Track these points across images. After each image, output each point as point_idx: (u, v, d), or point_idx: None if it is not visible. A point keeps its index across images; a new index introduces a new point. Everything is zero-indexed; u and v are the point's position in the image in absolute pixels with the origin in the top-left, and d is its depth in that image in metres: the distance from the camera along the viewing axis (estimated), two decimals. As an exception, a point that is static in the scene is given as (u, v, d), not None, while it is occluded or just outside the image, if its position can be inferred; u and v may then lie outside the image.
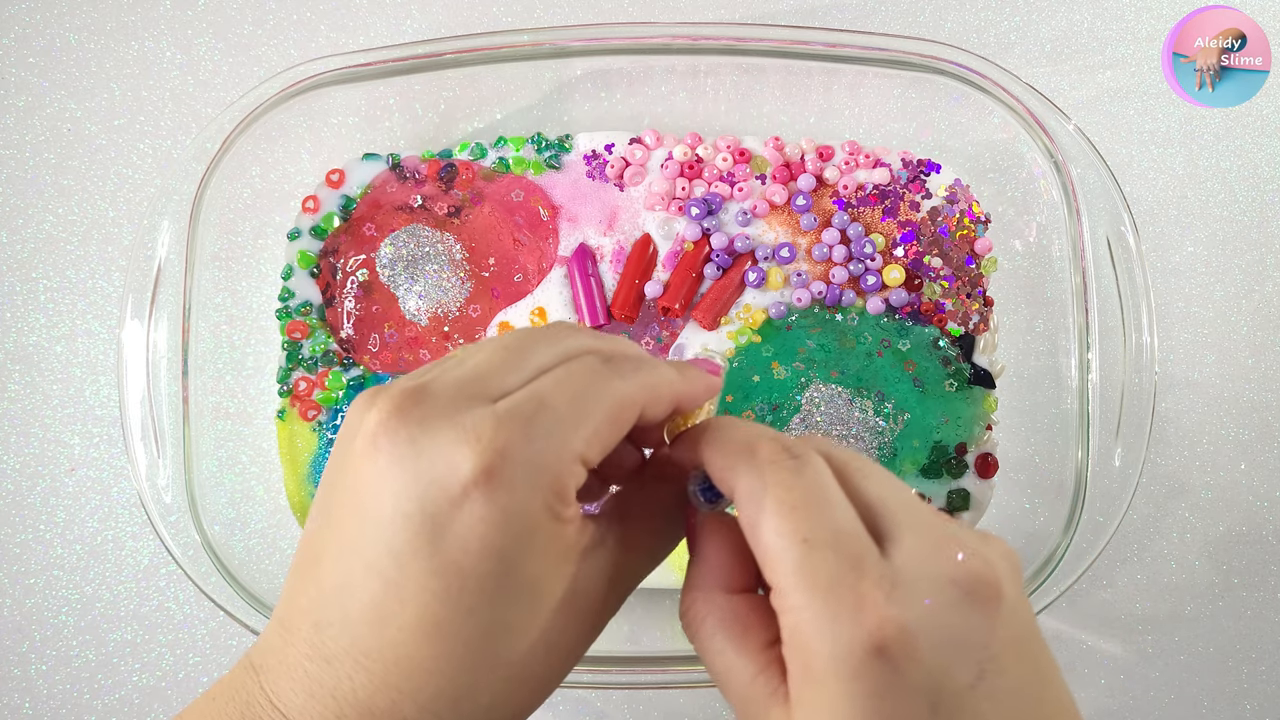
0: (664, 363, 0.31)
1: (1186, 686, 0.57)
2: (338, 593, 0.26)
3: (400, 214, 0.55)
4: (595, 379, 0.28)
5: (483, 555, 0.25)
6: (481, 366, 0.28)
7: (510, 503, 0.25)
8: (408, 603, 0.25)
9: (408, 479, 0.25)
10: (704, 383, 0.32)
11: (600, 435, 0.27)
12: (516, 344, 0.28)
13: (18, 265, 0.59)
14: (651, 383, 0.29)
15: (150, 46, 0.61)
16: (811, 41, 0.52)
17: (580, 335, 0.30)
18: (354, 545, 0.26)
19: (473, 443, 0.25)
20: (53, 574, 0.57)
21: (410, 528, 0.25)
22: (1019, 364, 0.55)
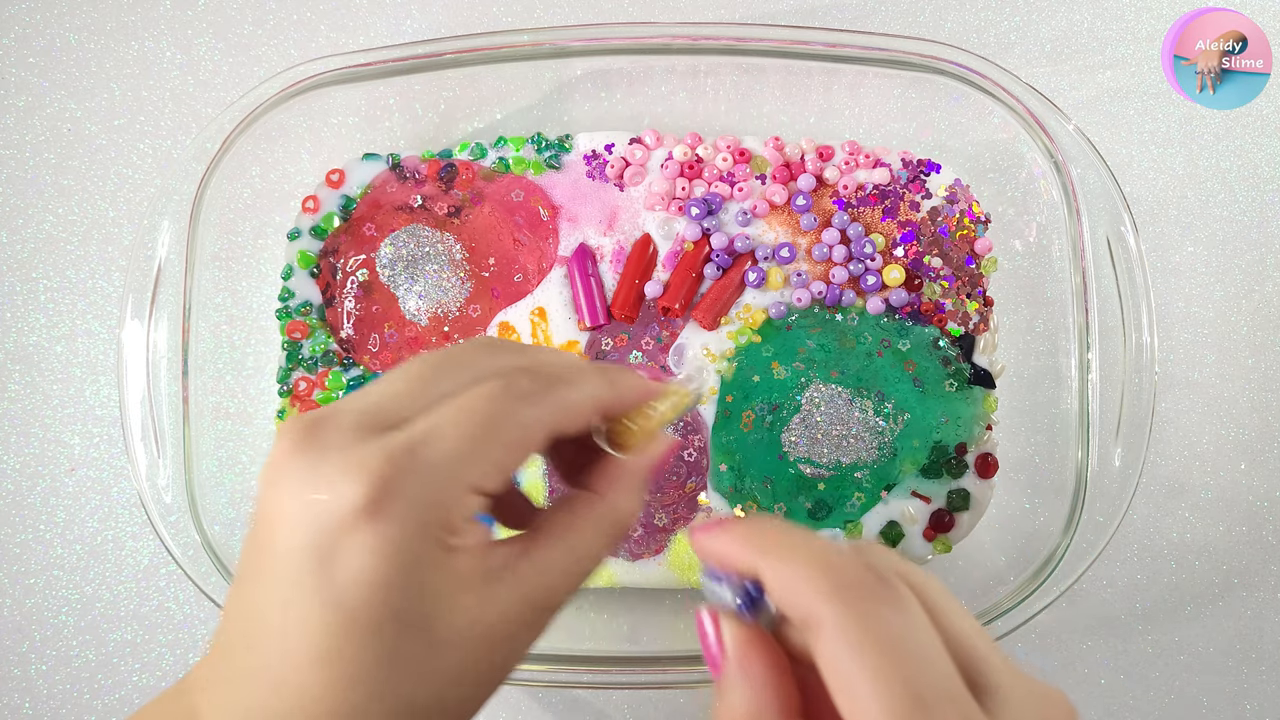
0: (590, 374, 0.31)
1: (1186, 686, 0.57)
2: (254, 618, 0.27)
3: (400, 214, 0.55)
4: (492, 406, 0.28)
5: (369, 588, 0.25)
6: (384, 396, 0.28)
7: (396, 535, 0.25)
8: (306, 632, 0.26)
9: (300, 512, 0.26)
10: (636, 390, 0.32)
11: (496, 463, 0.27)
12: (421, 372, 0.29)
13: (18, 265, 0.59)
14: (563, 405, 0.29)
15: (150, 46, 0.61)
16: (811, 41, 0.52)
17: (496, 356, 0.30)
18: (260, 574, 0.27)
19: (359, 476, 0.26)
20: (53, 574, 0.57)
21: (302, 560, 0.26)
22: (1019, 364, 0.55)
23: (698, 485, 0.53)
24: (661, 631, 0.54)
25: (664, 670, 0.49)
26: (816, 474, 0.52)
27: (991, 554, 0.54)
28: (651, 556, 0.53)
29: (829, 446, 0.52)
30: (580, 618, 0.54)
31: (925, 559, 0.53)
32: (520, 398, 0.28)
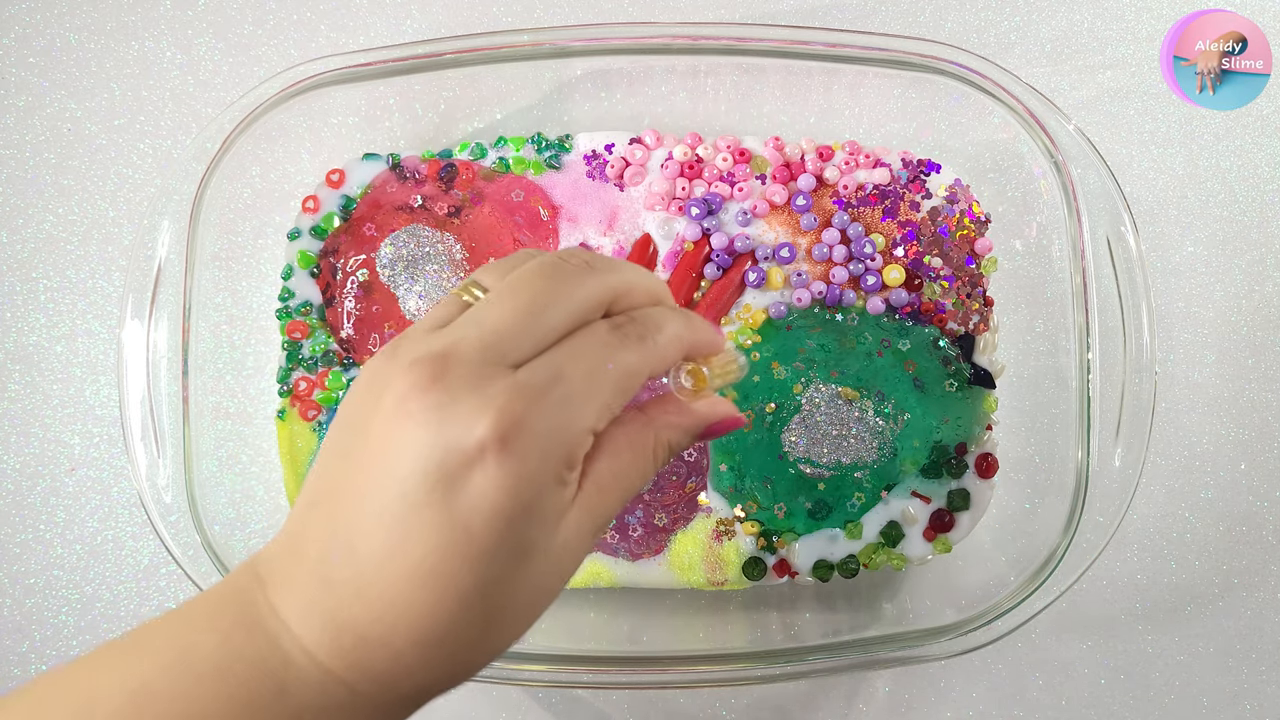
0: (674, 316, 0.33)
1: (1186, 686, 0.57)
2: (349, 528, 0.28)
3: (400, 214, 0.55)
4: (606, 351, 0.30)
5: (490, 517, 0.27)
6: (500, 329, 0.29)
7: (522, 471, 0.27)
8: (412, 549, 0.27)
9: (431, 440, 0.27)
10: (710, 336, 0.34)
11: (609, 406, 0.30)
12: (532, 303, 0.30)
13: (18, 265, 0.59)
14: (659, 351, 0.31)
15: (150, 46, 0.61)
16: (811, 41, 0.52)
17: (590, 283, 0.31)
18: (372, 490, 0.28)
19: (492, 412, 0.27)
20: (53, 574, 0.57)
21: (427, 483, 0.27)
22: (1019, 364, 0.55)
23: (698, 485, 0.53)
24: (661, 631, 0.54)
25: (664, 670, 0.49)
26: (816, 474, 0.52)
27: (991, 554, 0.54)
28: (651, 556, 0.53)
29: (829, 446, 0.52)
30: (580, 618, 0.54)
31: (925, 559, 0.53)
32: (627, 343, 0.31)
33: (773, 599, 0.55)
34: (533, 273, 0.31)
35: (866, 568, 0.53)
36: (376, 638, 0.27)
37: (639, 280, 0.33)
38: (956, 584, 0.54)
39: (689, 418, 0.34)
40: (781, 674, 0.49)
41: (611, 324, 0.31)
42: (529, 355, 0.29)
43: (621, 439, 0.32)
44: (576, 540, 0.30)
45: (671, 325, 0.32)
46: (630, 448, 0.32)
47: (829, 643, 0.50)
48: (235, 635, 0.28)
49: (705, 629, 0.54)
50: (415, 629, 0.27)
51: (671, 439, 0.34)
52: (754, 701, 0.57)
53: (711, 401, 0.35)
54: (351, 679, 0.28)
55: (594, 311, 0.31)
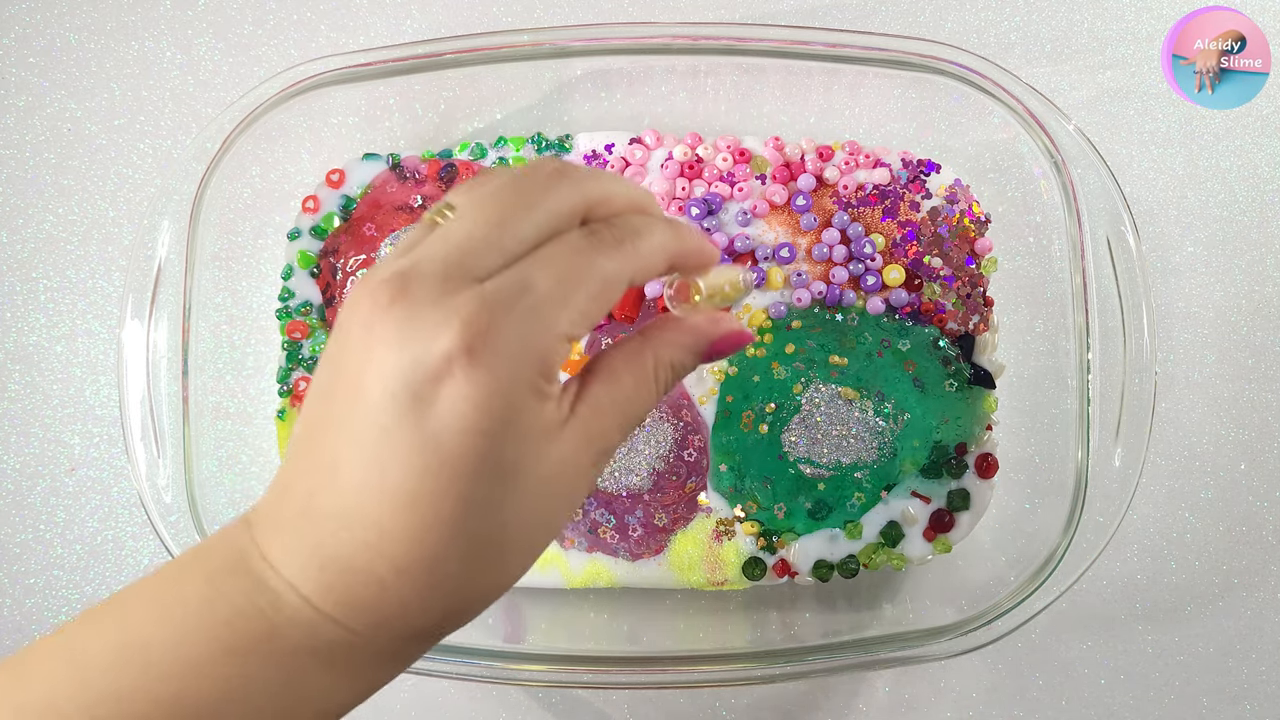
0: (659, 224, 0.31)
1: (1186, 686, 0.57)
2: (329, 461, 0.27)
3: (400, 214, 0.55)
4: (579, 258, 0.28)
5: (463, 433, 0.26)
6: (465, 243, 0.28)
7: (492, 382, 0.26)
8: (388, 474, 0.26)
9: (396, 360, 0.26)
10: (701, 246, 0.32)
11: (585, 313, 0.28)
12: (498, 213, 0.28)
13: (18, 265, 0.59)
14: (639, 257, 0.30)
15: (150, 46, 0.61)
16: (811, 41, 0.52)
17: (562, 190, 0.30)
18: (346, 421, 0.27)
19: (456, 323, 0.26)
20: (53, 574, 0.57)
21: (396, 405, 0.26)
22: (1019, 364, 0.55)
23: (698, 485, 0.53)
24: (661, 631, 0.54)
25: (664, 670, 0.49)
26: (816, 474, 0.52)
27: (991, 554, 0.54)
28: (651, 556, 0.53)
29: (829, 446, 0.52)
30: (580, 618, 0.54)
31: (925, 559, 0.53)
32: (602, 250, 0.29)
33: (773, 599, 0.55)
34: (500, 185, 0.29)
35: (866, 568, 0.53)
36: (361, 568, 0.27)
37: (618, 188, 0.31)
38: (956, 584, 0.54)
39: (689, 335, 0.33)
40: (781, 674, 0.49)
41: (586, 230, 0.30)
42: (497, 268, 0.28)
43: (617, 360, 0.31)
44: (573, 465, 0.29)
45: (655, 232, 0.31)
46: (628, 369, 0.31)
47: (829, 643, 0.50)
48: (221, 579, 0.27)
49: (705, 629, 0.54)
50: (399, 556, 0.26)
51: (673, 358, 0.32)
52: (754, 701, 0.57)
53: (712, 317, 0.33)
54: (341, 615, 0.27)
55: (568, 220, 0.30)
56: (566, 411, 0.29)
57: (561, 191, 0.30)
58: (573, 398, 0.30)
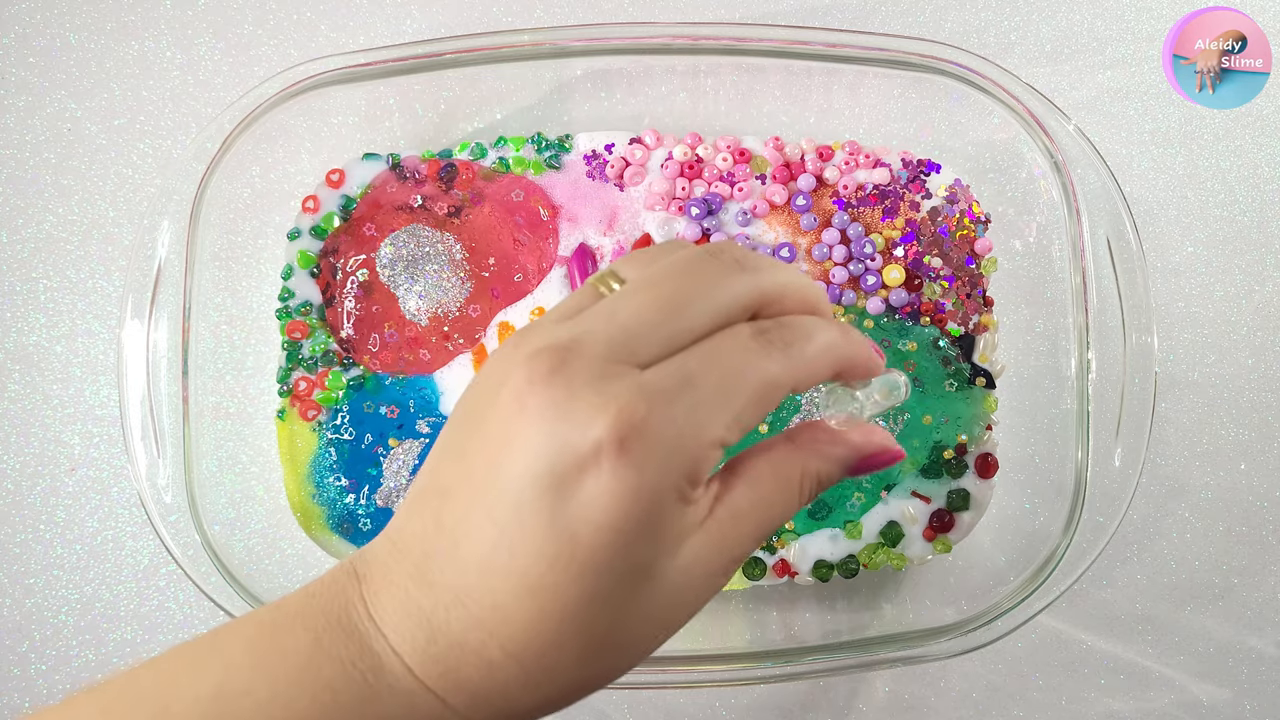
0: (828, 326, 0.30)
1: (1186, 686, 0.57)
2: (454, 529, 0.26)
3: (400, 214, 0.55)
4: (746, 358, 0.27)
5: (601, 529, 0.25)
6: (632, 325, 0.27)
7: (639, 481, 0.25)
8: (517, 557, 0.25)
9: (545, 440, 0.25)
10: (868, 355, 0.31)
11: (742, 419, 0.27)
12: (671, 299, 0.27)
13: (18, 265, 0.59)
14: (806, 363, 0.28)
15: (150, 46, 0.61)
16: (811, 41, 0.52)
17: (738, 283, 0.28)
18: (481, 490, 0.26)
19: (611, 411, 0.25)
20: (53, 574, 0.57)
21: (538, 487, 0.25)
22: (1019, 364, 0.55)
23: (698, 485, 0.53)
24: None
25: (664, 670, 0.49)
26: (816, 474, 0.52)
27: (991, 554, 0.54)
28: (651, 556, 0.53)
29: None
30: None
31: (925, 559, 0.53)
32: (769, 352, 0.28)
33: (773, 599, 0.55)
34: (676, 267, 0.28)
35: (866, 568, 0.53)
36: (472, 645, 0.26)
37: (794, 282, 0.30)
38: (956, 584, 0.54)
39: (841, 447, 0.31)
40: (781, 674, 0.49)
41: (755, 328, 0.28)
42: (661, 355, 0.27)
43: (764, 465, 0.30)
44: (702, 570, 0.27)
45: (823, 335, 0.29)
46: (774, 475, 0.29)
47: (829, 643, 0.50)
48: (326, 636, 0.26)
49: (705, 629, 0.54)
50: (513, 640, 0.26)
51: (821, 470, 0.30)
52: (754, 701, 0.57)
53: (866, 430, 0.32)
54: (443, 690, 0.26)
55: (739, 314, 0.28)
56: (704, 513, 0.28)
57: (738, 283, 0.28)
58: (712, 499, 0.28)
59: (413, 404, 0.54)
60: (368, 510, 0.52)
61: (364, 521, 0.53)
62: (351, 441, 0.54)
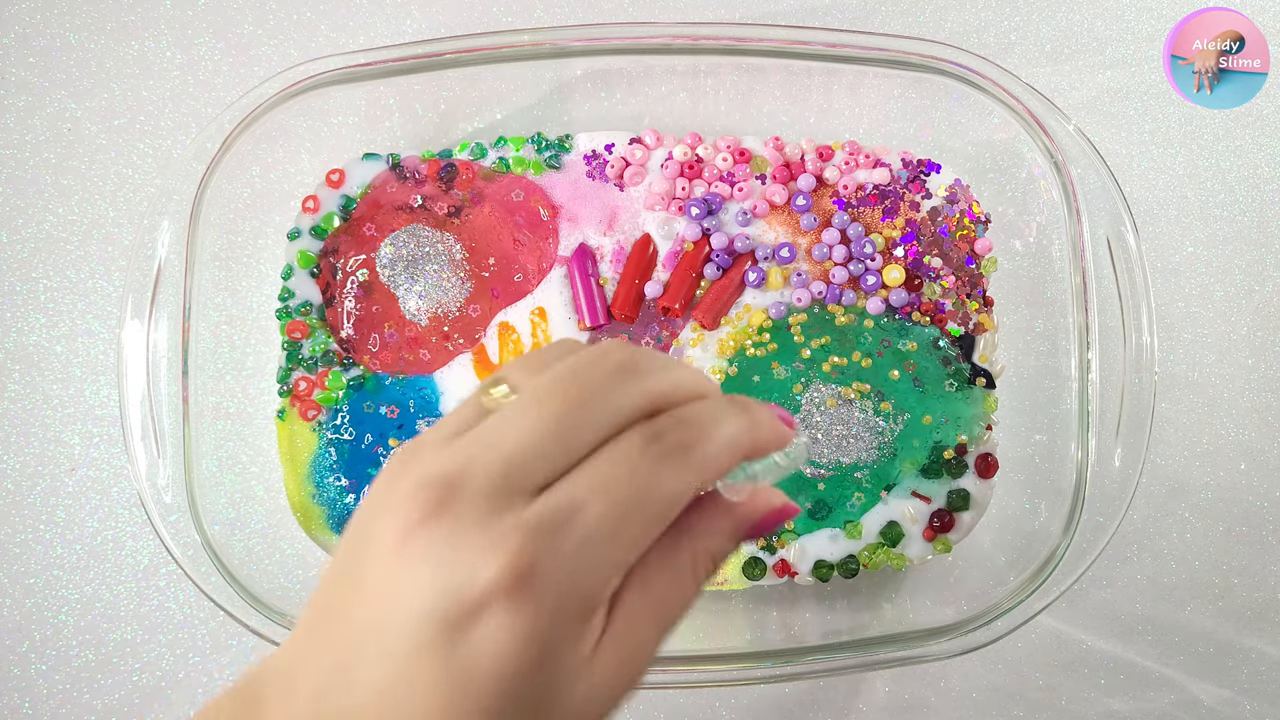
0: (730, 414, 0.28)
1: (1186, 686, 0.57)
2: (350, 663, 0.26)
3: (400, 214, 0.55)
4: (639, 479, 0.26)
5: (497, 672, 0.24)
6: (517, 453, 0.26)
7: (533, 622, 0.24)
8: (413, 699, 0.25)
9: (432, 581, 0.25)
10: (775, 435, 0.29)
11: (639, 541, 0.26)
12: (557, 419, 0.26)
13: (18, 265, 0.59)
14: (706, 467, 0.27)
15: (150, 46, 0.61)
16: (811, 41, 0.52)
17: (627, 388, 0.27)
18: (374, 624, 0.25)
19: (502, 554, 0.24)
20: (53, 574, 0.57)
21: (430, 627, 0.24)
22: (1019, 364, 0.55)
23: (698, 485, 0.53)
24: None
25: (664, 670, 0.49)
26: (816, 474, 0.52)
27: (991, 554, 0.54)
28: (651, 556, 0.53)
29: (829, 446, 0.52)
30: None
31: (925, 559, 0.53)
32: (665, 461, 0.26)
33: (773, 599, 0.55)
34: (563, 378, 0.27)
35: (866, 568, 0.53)
36: None
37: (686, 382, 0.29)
38: (956, 584, 0.54)
39: (728, 520, 0.29)
40: (781, 674, 0.49)
41: (649, 434, 0.27)
42: (550, 479, 0.26)
43: (652, 562, 0.28)
44: (608, 689, 0.27)
45: (725, 429, 0.28)
46: (663, 570, 0.28)
47: (829, 643, 0.50)
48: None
49: (705, 629, 0.54)
50: None
51: (711, 547, 0.29)
52: (754, 701, 0.57)
53: (758, 495, 0.30)
54: None
55: (629, 421, 0.27)
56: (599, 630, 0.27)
57: (628, 391, 0.27)
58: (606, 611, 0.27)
59: (413, 404, 0.54)
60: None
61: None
62: (351, 441, 0.54)
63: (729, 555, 0.30)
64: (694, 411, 0.28)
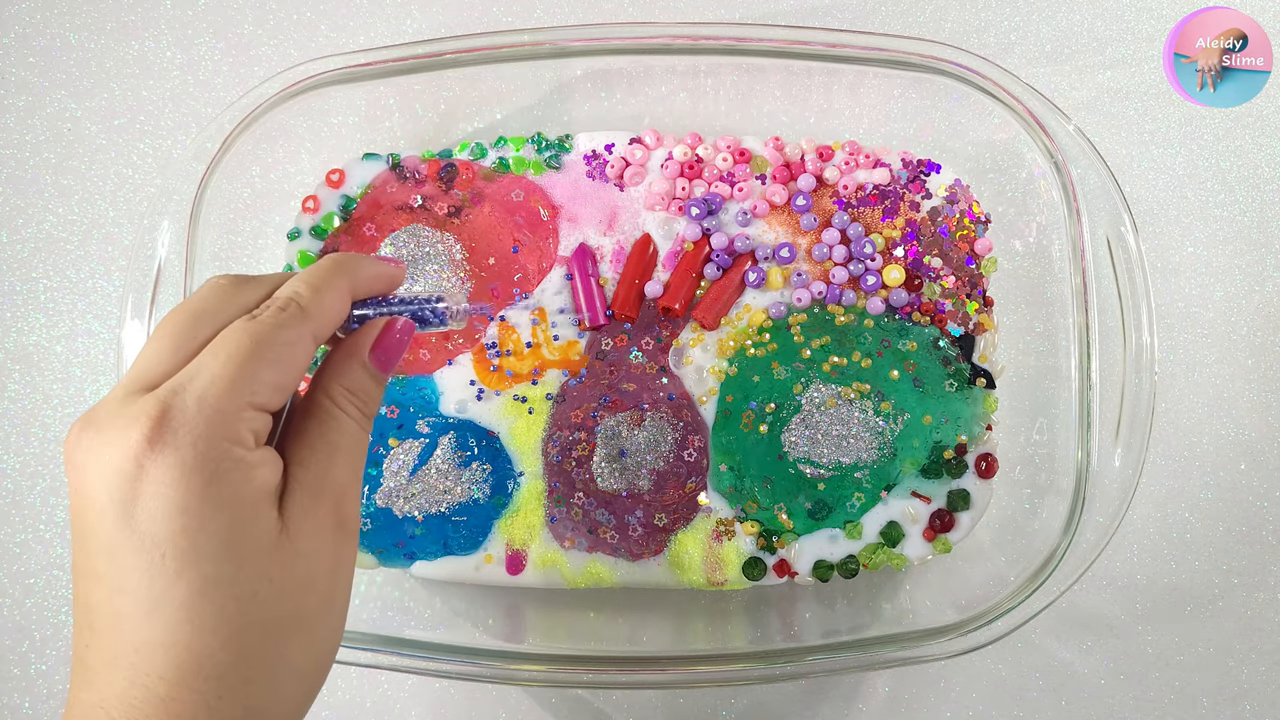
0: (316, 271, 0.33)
1: (1186, 686, 0.57)
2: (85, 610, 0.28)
3: (400, 214, 0.55)
4: (247, 334, 0.29)
5: (168, 515, 0.26)
6: (142, 365, 0.29)
7: (181, 459, 0.27)
8: (127, 590, 0.26)
9: (96, 480, 0.27)
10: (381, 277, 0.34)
11: (268, 380, 0.29)
12: (171, 331, 0.30)
13: (18, 265, 0.59)
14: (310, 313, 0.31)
15: (150, 46, 0.61)
16: (811, 41, 0.52)
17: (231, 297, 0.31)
18: (82, 565, 0.28)
19: (135, 423, 0.27)
20: (52, 574, 0.57)
21: (108, 521, 0.27)
22: (1019, 364, 0.55)
23: (698, 485, 0.53)
24: (661, 631, 0.54)
25: (664, 670, 0.49)
26: (816, 474, 0.52)
27: (991, 554, 0.54)
28: (651, 556, 0.53)
29: (829, 446, 0.52)
30: (580, 618, 0.54)
31: (925, 559, 0.53)
32: (270, 323, 0.30)
33: (773, 599, 0.55)
34: (172, 312, 0.31)
35: (866, 568, 0.53)
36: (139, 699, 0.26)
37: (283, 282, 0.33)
38: (956, 584, 0.54)
39: (345, 353, 0.33)
40: (781, 674, 0.49)
41: (248, 314, 0.31)
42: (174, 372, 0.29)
43: (298, 414, 0.32)
44: (307, 523, 0.30)
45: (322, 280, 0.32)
46: (308, 415, 0.32)
47: (829, 643, 0.50)
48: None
49: (705, 629, 0.54)
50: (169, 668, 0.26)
51: (344, 381, 0.33)
52: (754, 701, 0.57)
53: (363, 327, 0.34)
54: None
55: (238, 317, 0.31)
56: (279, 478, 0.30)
57: (231, 296, 0.31)
58: (281, 465, 0.30)
59: (413, 404, 0.54)
60: (367, 510, 0.52)
61: (364, 521, 0.53)
62: (351, 441, 0.54)
63: (370, 385, 0.34)
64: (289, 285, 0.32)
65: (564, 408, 0.54)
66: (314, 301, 0.31)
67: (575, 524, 0.53)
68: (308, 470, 0.31)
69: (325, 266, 0.33)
